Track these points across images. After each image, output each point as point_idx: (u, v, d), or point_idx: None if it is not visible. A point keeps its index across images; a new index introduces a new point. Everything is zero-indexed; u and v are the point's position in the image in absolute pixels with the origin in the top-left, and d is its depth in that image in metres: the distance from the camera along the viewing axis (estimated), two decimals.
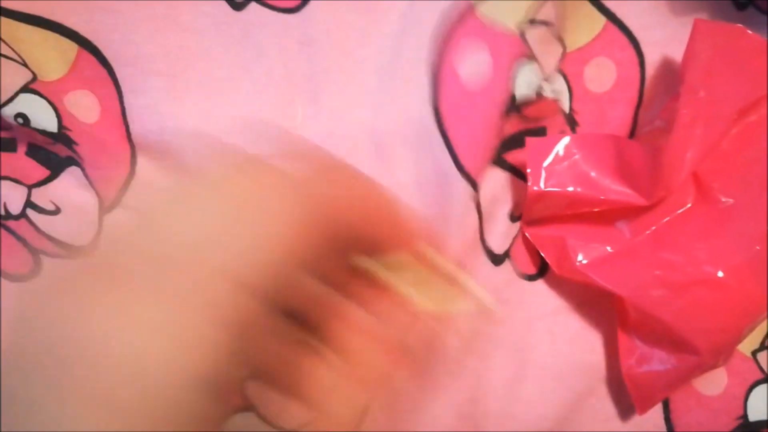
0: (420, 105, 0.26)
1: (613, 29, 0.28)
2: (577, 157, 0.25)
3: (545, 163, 0.25)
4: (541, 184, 0.25)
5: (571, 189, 0.25)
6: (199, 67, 0.27)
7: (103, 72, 0.26)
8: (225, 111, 0.27)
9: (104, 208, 0.27)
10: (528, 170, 0.25)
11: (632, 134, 0.28)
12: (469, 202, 0.26)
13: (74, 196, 0.27)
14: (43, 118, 0.26)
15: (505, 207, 0.28)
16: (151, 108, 0.26)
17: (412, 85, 0.26)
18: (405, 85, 0.26)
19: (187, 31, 0.26)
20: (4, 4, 0.25)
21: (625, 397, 0.27)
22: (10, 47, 0.25)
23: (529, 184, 0.25)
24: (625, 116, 0.28)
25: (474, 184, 0.26)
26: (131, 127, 0.26)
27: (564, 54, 0.27)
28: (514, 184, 0.27)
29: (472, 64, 0.25)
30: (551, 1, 0.25)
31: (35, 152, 0.27)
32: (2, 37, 0.25)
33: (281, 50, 0.27)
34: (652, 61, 0.28)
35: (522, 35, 0.25)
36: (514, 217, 0.28)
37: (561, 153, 0.25)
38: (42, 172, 0.27)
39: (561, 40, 0.27)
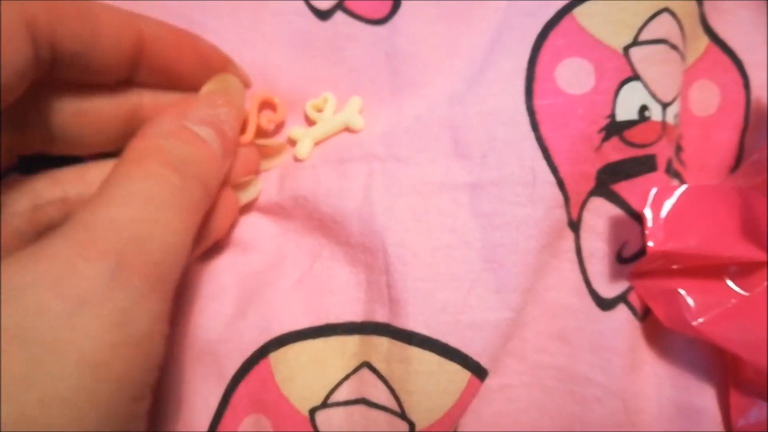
0: (511, 102, 0.23)
1: (716, 50, 0.26)
2: (701, 210, 0.23)
3: (665, 216, 0.23)
4: (662, 243, 0.22)
5: (693, 246, 0.23)
6: (286, 82, 0.25)
7: None
8: None
9: None
10: (647, 225, 0.22)
11: (739, 159, 0.26)
12: (557, 210, 0.23)
13: None
14: None
15: (611, 245, 0.25)
16: None
17: (503, 85, 0.23)
18: (495, 86, 0.24)
19: (273, 44, 0.24)
20: None
21: None
22: None
23: (649, 244, 0.22)
24: (731, 140, 0.26)
25: (565, 194, 0.23)
26: None
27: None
28: (624, 221, 0.25)
29: (571, 69, 0.23)
30: (665, 15, 0.24)
31: None
32: None
33: (370, 65, 0.25)
34: (758, 84, 0.26)
35: (626, 52, 0.23)
36: (621, 259, 0.25)
37: (682, 204, 0.23)
38: None
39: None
